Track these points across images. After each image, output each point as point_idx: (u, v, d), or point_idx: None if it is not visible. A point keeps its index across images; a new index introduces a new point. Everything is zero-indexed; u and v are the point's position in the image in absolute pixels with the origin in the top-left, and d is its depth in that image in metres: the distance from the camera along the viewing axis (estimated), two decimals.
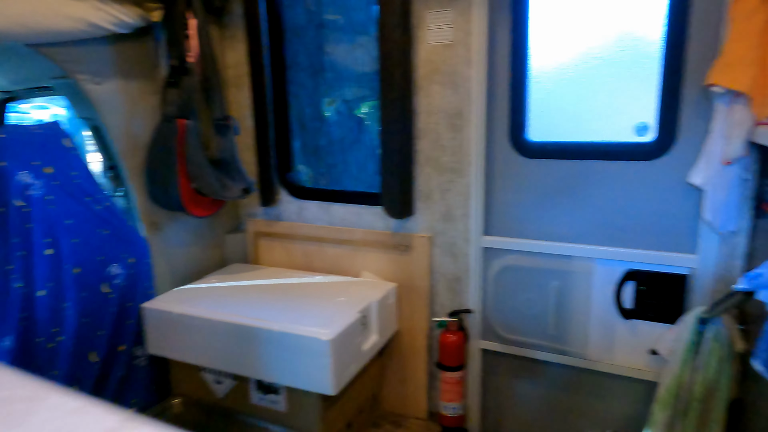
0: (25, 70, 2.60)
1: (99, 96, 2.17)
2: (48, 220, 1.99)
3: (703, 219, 1.91)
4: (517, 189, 2.26)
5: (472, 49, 2.18)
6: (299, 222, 2.77)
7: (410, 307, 2.55)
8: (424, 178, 2.42)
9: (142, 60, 2.33)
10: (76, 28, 1.97)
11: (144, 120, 2.35)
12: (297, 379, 2.08)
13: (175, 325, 2.25)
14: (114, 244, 2.22)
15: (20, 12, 1.78)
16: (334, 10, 2.77)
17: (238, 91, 2.77)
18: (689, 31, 1.84)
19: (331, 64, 2.83)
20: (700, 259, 1.96)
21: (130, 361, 2.37)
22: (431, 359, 2.59)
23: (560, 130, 2.21)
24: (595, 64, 2.06)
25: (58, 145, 2.07)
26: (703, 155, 1.87)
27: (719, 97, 1.77)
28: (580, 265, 2.19)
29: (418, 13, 2.25)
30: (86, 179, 2.14)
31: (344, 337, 2.05)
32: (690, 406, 1.81)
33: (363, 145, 2.95)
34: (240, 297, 2.37)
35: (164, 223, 2.50)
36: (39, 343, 2.01)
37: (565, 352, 2.28)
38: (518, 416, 2.50)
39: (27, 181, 1.93)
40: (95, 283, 2.17)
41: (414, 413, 2.65)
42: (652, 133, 2.01)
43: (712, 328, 1.79)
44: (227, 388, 2.33)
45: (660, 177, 1.99)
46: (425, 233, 2.47)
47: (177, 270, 2.59)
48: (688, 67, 1.87)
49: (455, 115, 2.29)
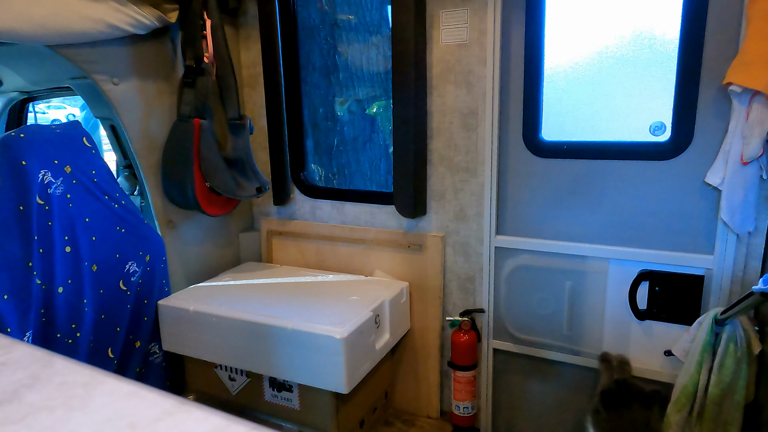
0: (44, 71, 2.65)
1: (116, 96, 2.20)
2: (67, 218, 2.03)
3: (720, 219, 1.89)
4: (530, 188, 2.25)
5: (486, 49, 2.18)
6: (312, 221, 2.79)
7: (422, 306, 2.56)
8: (438, 178, 2.42)
9: (158, 60, 2.36)
10: (95, 30, 2.00)
11: (160, 119, 2.38)
12: (310, 377, 2.10)
13: (190, 323, 2.28)
14: (131, 242, 2.26)
15: (42, 14, 1.82)
16: (348, 10, 2.78)
17: (252, 90, 2.79)
18: (706, 30, 1.82)
19: (344, 64, 2.84)
20: (716, 259, 1.93)
21: (146, 358, 2.41)
22: (443, 358, 2.59)
23: (574, 129, 2.20)
24: (610, 62, 2.05)
25: (77, 144, 2.11)
26: (721, 155, 1.85)
27: (737, 96, 1.75)
28: (594, 266, 2.18)
29: (432, 13, 2.26)
30: (104, 178, 2.17)
31: (357, 335, 2.07)
32: (705, 408, 1.80)
33: (375, 144, 2.96)
34: (254, 295, 2.40)
35: (179, 222, 2.53)
36: (58, 339, 2.05)
37: (578, 352, 2.27)
38: (530, 416, 2.49)
39: (47, 180, 1.97)
40: (112, 280, 2.21)
41: (426, 412, 2.66)
42: (668, 133, 1.99)
43: (728, 329, 1.77)
44: (241, 385, 2.36)
45: (676, 177, 1.98)
46: (438, 233, 2.47)
47: (192, 268, 2.63)
48: (705, 65, 1.85)
49: (469, 115, 2.29)
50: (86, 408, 0.43)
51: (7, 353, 0.53)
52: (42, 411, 0.43)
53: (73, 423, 0.42)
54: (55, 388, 0.46)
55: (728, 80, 1.73)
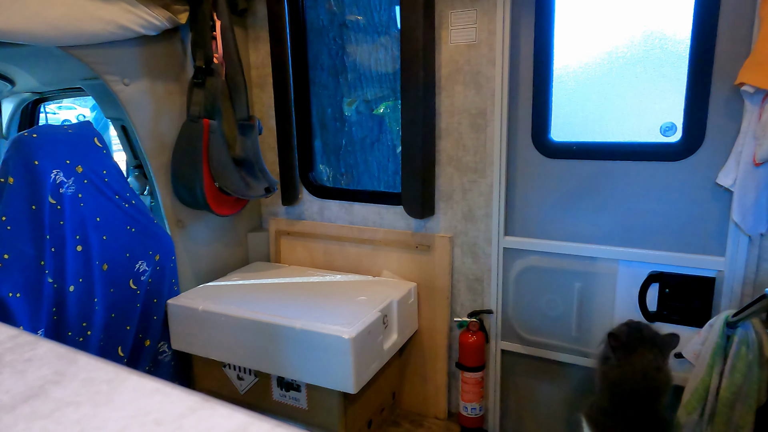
0: (56, 72, 2.68)
1: (127, 96, 2.22)
2: (78, 217, 2.05)
3: (732, 221, 1.87)
4: (539, 189, 2.25)
5: (495, 49, 2.18)
6: (321, 221, 2.80)
7: (430, 306, 2.56)
8: (446, 178, 2.42)
9: (168, 61, 2.38)
10: (107, 31, 2.02)
11: (170, 120, 2.40)
12: (318, 377, 2.10)
13: (198, 322, 2.29)
14: (141, 241, 2.27)
15: (55, 15, 1.83)
16: (356, 10, 2.79)
17: (261, 91, 2.80)
18: (718, 30, 1.81)
19: (352, 65, 2.85)
20: (728, 261, 1.92)
21: (155, 356, 2.42)
22: (451, 359, 2.59)
23: (584, 130, 2.19)
24: (620, 63, 2.04)
25: (89, 144, 2.13)
26: (733, 156, 1.83)
27: (749, 96, 1.74)
28: (603, 267, 2.17)
29: (440, 13, 2.26)
30: (115, 178, 2.19)
31: (365, 335, 2.07)
32: (717, 411, 1.78)
33: (383, 145, 2.96)
34: (262, 295, 2.41)
35: (189, 222, 2.54)
36: (69, 337, 2.07)
37: (587, 354, 2.26)
38: (538, 418, 2.48)
39: (59, 180, 1.98)
40: (123, 279, 2.22)
41: (434, 413, 2.65)
42: (678, 134, 1.98)
43: (740, 332, 1.75)
44: (249, 384, 2.37)
45: (687, 178, 1.97)
46: (446, 233, 2.47)
47: (201, 267, 2.64)
48: (717, 66, 1.84)
49: (478, 115, 2.29)
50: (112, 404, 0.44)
51: (32, 349, 0.53)
52: (69, 406, 0.44)
53: (100, 419, 0.42)
54: (80, 384, 0.47)
55: (741, 80, 1.72)
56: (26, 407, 0.44)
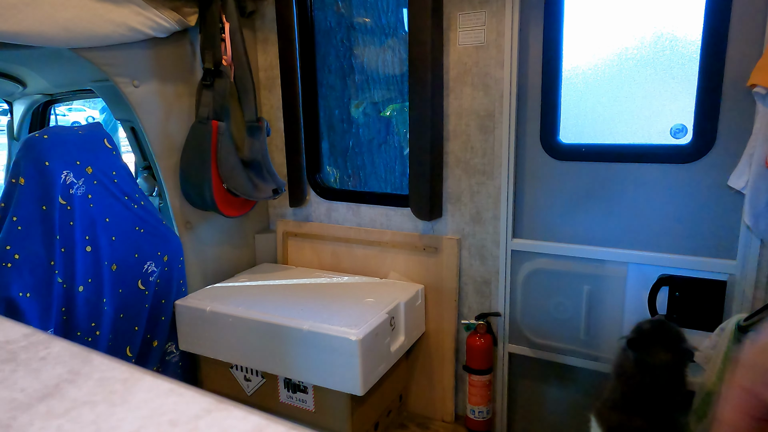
0: (67, 74, 2.70)
1: (137, 98, 2.23)
2: (88, 218, 2.06)
3: (744, 223, 1.86)
4: (547, 191, 2.24)
5: (503, 51, 2.17)
6: (328, 223, 2.80)
7: (438, 309, 2.55)
8: (454, 180, 2.42)
9: (178, 63, 2.39)
10: (117, 33, 2.03)
11: (179, 121, 2.41)
12: (325, 379, 2.10)
13: (206, 323, 2.29)
14: (149, 242, 2.28)
15: (67, 17, 1.85)
16: (364, 12, 2.80)
17: (269, 93, 2.81)
18: (730, 31, 1.80)
19: (359, 67, 2.85)
20: (739, 264, 1.90)
21: (163, 357, 2.43)
22: (458, 362, 2.58)
23: (593, 131, 2.18)
24: (630, 64, 2.03)
25: (98, 145, 2.14)
26: (744, 158, 1.82)
27: (762, 98, 1.72)
28: (612, 270, 2.15)
29: (449, 15, 2.26)
30: (124, 179, 2.20)
31: (373, 337, 2.06)
32: None
33: (391, 146, 2.96)
34: (270, 296, 2.41)
35: (197, 223, 2.55)
36: (78, 337, 2.08)
37: (596, 358, 2.25)
38: (546, 422, 2.47)
39: (69, 181, 2.00)
40: (131, 279, 2.23)
41: (441, 416, 2.64)
42: (689, 136, 1.97)
43: (752, 336, 1.73)
44: (256, 385, 2.37)
45: (698, 180, 1.95)
46: (454, 235, 2.46)
47: (209, 268, 2.65)
48: (728, 67, 1.83)
49: (486, 117, 2.28)
50: (127, 404, 0.44)
51: (46, 348, 0.54)
52: (85, 406, 0.44)
53: (116, 418, 0.42)
54: (95, 384, 0.47)
55: (753, 82, 1.70)
56: (42, 406, 0.44)
